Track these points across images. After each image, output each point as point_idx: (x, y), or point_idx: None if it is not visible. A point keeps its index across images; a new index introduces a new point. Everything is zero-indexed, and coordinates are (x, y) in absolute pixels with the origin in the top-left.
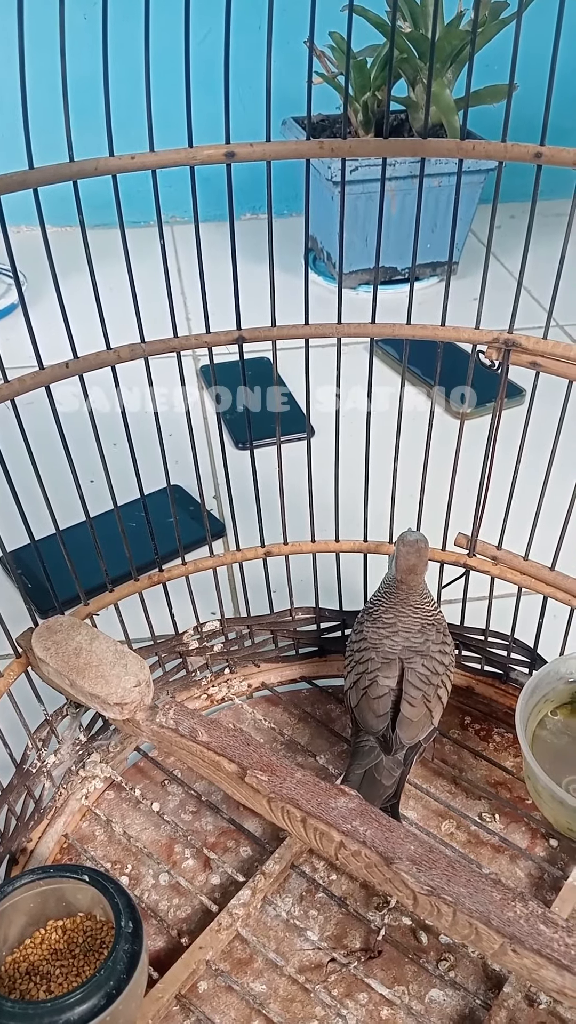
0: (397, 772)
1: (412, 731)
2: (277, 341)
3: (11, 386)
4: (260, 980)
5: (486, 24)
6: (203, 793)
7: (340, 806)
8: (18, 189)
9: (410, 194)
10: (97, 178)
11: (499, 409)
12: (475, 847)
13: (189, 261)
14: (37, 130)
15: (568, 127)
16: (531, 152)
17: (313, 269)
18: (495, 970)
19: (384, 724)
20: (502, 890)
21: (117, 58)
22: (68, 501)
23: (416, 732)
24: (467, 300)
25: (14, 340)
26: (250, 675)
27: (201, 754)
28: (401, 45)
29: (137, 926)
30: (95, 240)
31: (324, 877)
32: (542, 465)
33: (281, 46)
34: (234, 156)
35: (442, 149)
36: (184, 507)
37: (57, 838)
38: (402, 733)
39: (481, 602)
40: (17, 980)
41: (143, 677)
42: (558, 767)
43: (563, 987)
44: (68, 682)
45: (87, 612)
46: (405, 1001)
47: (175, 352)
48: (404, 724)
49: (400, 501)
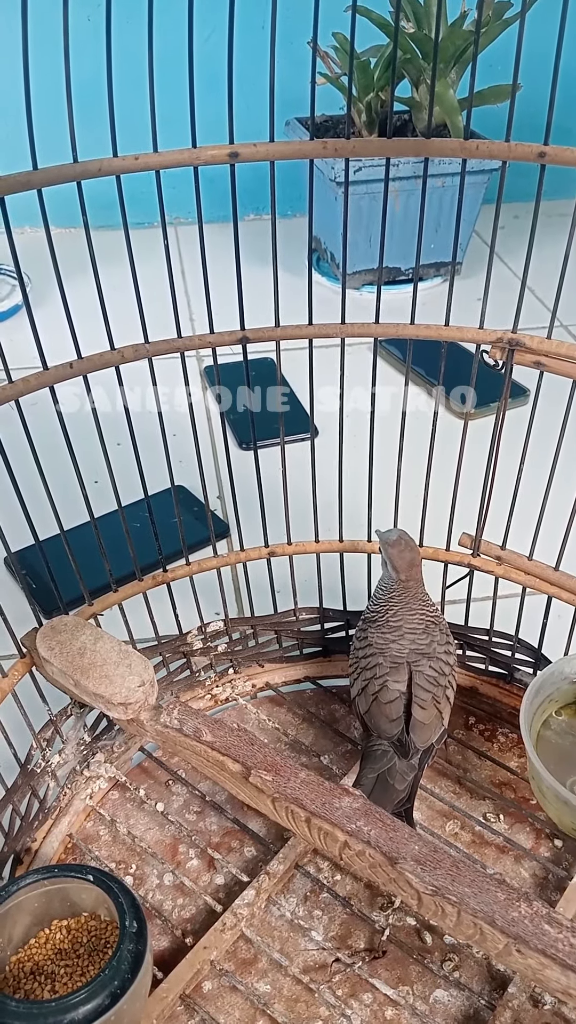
0: (410, 776)
1: (425, 734)
2: (281, 341)
3: (15, 386)
4: (264, 980)
5: (489, 24)
6: (207, 793)
7: (344, 806)
8: (22, 190)
9: (414, 194)
10: (101, 179)
11: (503, 409)
12: (479, 847)
13: (193, 262)
14: (41, 131)
15: (572, 127)
16: (535, 152)
17: (317, 270)
18: (499, 970)
19: (398, 728)
20: (507, 890)
21: (120, 59)
22: (72, 502)
23: (429, 735)
24: (471, 300)
25: (18, 341)
26: (254, 675)
27: (205, 754)
28: (404, 45)
29: (141, 926)
30: (99, 241)
31: (328, 877)
32: (546, 465)
33: (284, 47)
34: (238, 156)
35: (446, 149)
36: (188, 507)
37: (62, 838)
38: (415, 737)
39: (485, 602)
40: (22, 980)
41: (147, 677)
42: (563, 767)
43: (568, 987)
44: (72, 682)
45: (91, 612)
46: (409, 1001)
47: (179, 352)
48: (417, 728)
49: (404, 501)
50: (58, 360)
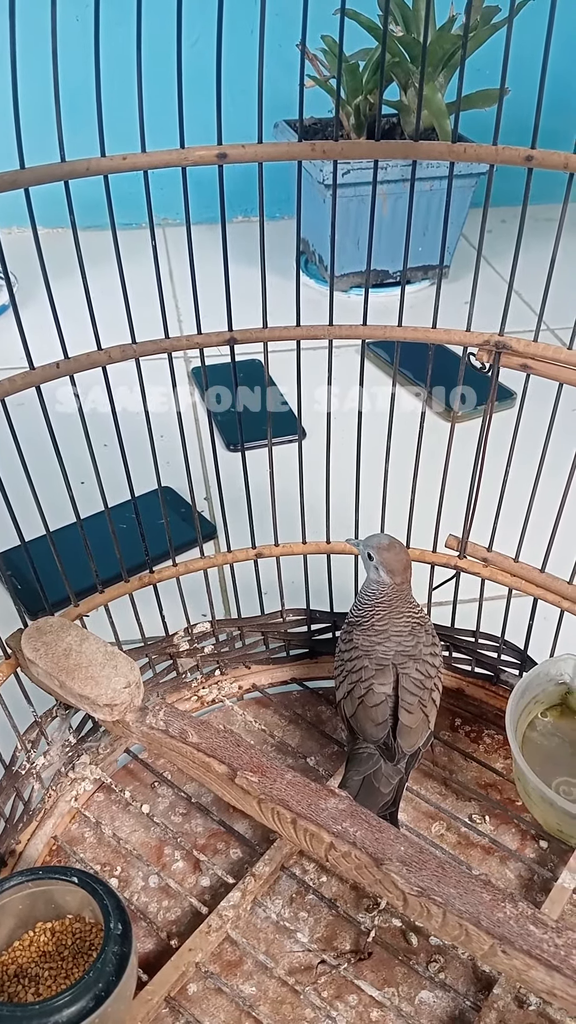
0: (396, 779)
1: (412, 738)
2: (269, 343)
3: (1, 386)
4: (250, 982)
5: (478, 28)
6: (193, 795)
7: (330, 807)
8: (9, 189)
9: (402, 198)
10: (89, 180)
11: (490, 411)
12: (465, 848)
13: (181, 263)
14: (29, 130)
15: (559, 130)
16: (522, 155)
17: (305, 272)
18: (485, 971)
19: (384, 732)
20: (492, 891)
21: (109, 59)
22: (58, 502)
23: (416, 739)
24: (458, 303)
25: (5, 341)
26: (241, 677)
27: (191, 755)
28: (393, 49)
29: (126, 928)
30: (87, 241)
31: (314, 879)
32: (532, 467)
33: (273, 49)
34: (226, 157)
35: (433, 152)
36: (175, 508)
37: (46, 840)
38: (402, 741)
39: (471, 604)
40: (5, 983)
41: (133, 678)
42: (548, 768)
43: (552, 988)
44: (58, 683)
45: (77, 613)
46: (395, 1003)
47: (166, 353)
48: (404, 732)
49: (391, 503)
50: (45, 360)
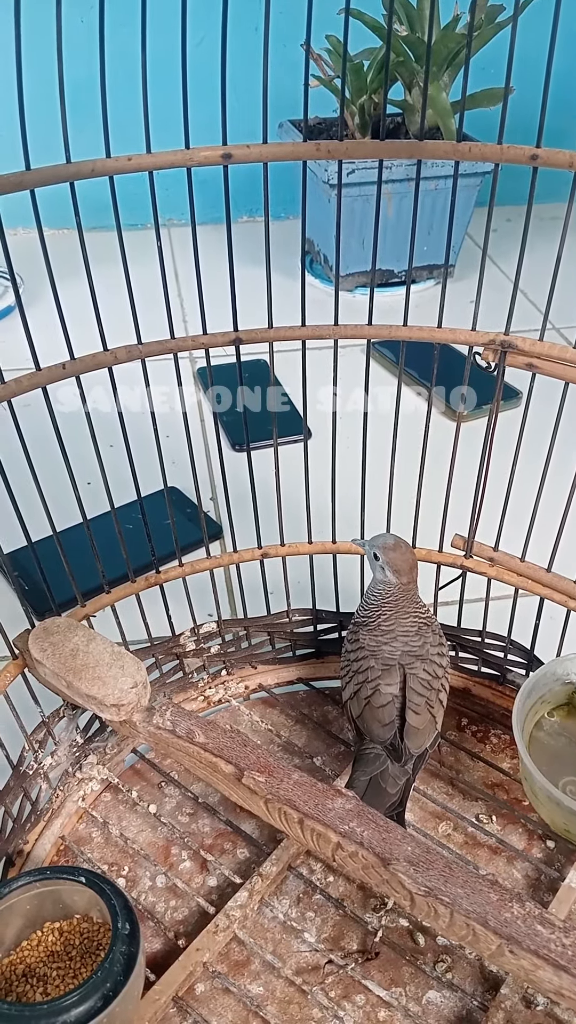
0: (403, 780)
1: (419, 739)
2: (274, 343)
3: (8, 387)
4: (257, 982)
5: (482, 27)
6: (200, 795)
7: (337, 807)
8: (15, 190)
9: (406, 197)
10: (94, 181)
11: (495, 410)
12: (472, 848)
13: (186, 263)
14: (34, 131)
15: (564, 129)
16: (527, 154)
17: (310, 272)
18: (492, 971)
19: (391, 732)
20: (499, 891)
21: (114, 60)
22: (65, 503)
23: (423, 740)
24: (463, 303)
25: (11, 342)
26: (247, 677)
27: (198, 755)
28: (397, 48)
29: (134, 928)
30: (92, 242)
31: (321, 879)
32: (538, 466)
33: (278, 49)
34: (231, 158)
35: (438, 151)
36: (181, 509)
37: (54, 840)
38: (409, 742)
39: (478, 604)
40: (14, 982)
41: (140, 678)
42: (555, 768)
43: (560, 988)
44: (65, 683)
45: (84, 614)
46: (402, 1003)
47: (172, 354)
48: (411, 733)
49: (397, 503)
50: (51, 361)
